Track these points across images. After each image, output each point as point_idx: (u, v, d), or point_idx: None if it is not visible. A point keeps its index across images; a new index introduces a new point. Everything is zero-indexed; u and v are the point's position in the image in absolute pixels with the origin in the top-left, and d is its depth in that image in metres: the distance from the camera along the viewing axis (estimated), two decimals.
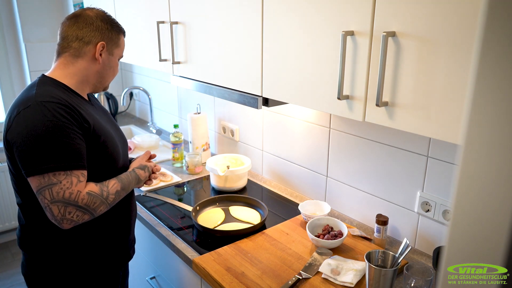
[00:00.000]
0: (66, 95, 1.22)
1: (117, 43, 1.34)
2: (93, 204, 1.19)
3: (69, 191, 1.14)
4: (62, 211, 1.14)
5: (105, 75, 1.34)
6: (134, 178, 1.36)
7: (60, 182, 1.13)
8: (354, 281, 1.27)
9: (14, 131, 1.14)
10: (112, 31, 1.31)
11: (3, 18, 2.93)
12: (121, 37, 1.36)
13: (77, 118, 1.17)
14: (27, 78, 3.01)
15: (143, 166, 1.42)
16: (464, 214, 0.49)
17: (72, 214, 1.16)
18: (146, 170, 1.42)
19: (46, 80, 1.25)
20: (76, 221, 1.17)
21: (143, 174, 1.41)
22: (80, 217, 1.18)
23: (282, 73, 1.31)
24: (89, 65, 1.29)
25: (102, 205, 1.22)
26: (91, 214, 1.20)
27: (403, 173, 1.46)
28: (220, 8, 1.48)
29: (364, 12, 1.03)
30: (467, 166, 0.47)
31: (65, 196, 1.13)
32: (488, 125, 0.44)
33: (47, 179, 1.12)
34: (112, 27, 1.32)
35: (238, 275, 1.32)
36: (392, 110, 1.03)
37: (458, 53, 0.88)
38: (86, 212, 1.18)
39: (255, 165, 2.13)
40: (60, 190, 1.13)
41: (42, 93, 1.17)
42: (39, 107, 1.13)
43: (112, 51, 1.32)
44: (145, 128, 2.96)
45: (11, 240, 3.18)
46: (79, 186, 1.16)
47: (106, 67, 1.33)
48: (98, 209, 1.21)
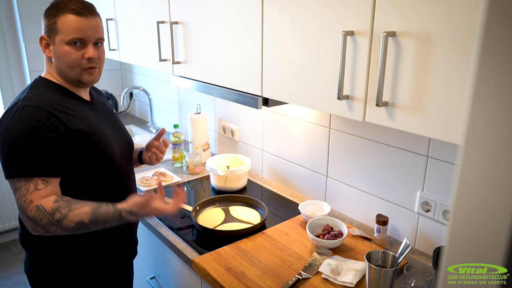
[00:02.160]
0: (59, 96, 1.22)
1: (54, 28, 1.19)
2: (40, 220, 1.09)
3: (24, 199, 1.11)
4: (23, 218, 1.13)
5: (61, 68, 1.23)
6: (116, 218, 1.16)
7: (20, 188, 1.12)
8: (354, 281, 1.27)
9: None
10: (47, 19, 1.20)
11: (3, 18, 2.93)
12: (59, 19, 1.19)
13: (58, 123, 1.15)
14: (27, 78, 3.01)
15: (141, 214, 1.17)
16: (464, 214, 0.49)
17: (26, 223, 1.12)
18: (140, 217, 1.20)
19: (41, 82, 1.25)
20: (32, 230, 1.12)
21: (133, 218, 1.19)
22: (34, 228, 1.11)
23: (282, 73, 1.31)
24: (50, 62, 1.26)
25: (53, 226, 1.10)
26: (44, 229, 1.10)
27: (403, 173, 1.46)
28: (220, 8, 1.48)
29: (364, 12, 1.03)
30: (467, 166, 0.47)
31: (20, 203, 1.12)
32: (488, 125, 0.44)
33: (13, 183, 1.13)
34: (47, 14, 1.21)
35: (238, 275, 1.32)
36: (392, 110, 1.03)
37: (459, 53, 0.88)
38: (36, 225, 1.10)
39: (255, 165, 2.13)
40: (19, 196, 1.12)
41: (30, 97, 1.18)
42: (19, 112, 1.14)
43: (53, 39, 1.20)
44: (145, 128, 2.96)
45: (11, 240, 3.18)
46: (33, 194, 1.10)
47: (56, 60, 1.22)
48: (49, 228, 1.10)
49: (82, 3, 1.21)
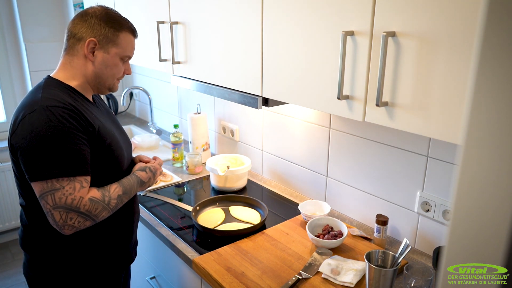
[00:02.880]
0: (72, 98, 1.22)
1: (114, 40, 1.26)
2: (95, 210, 1.18)
3: (72, 197, 1.13)
4: (64, 217, 1.13)
5: (101, 75, 1.28)
6: (135, 181, 1.33)
7: (63, 188, 1.12)
8: (354, 281, 1.27)
9: (19, 135, 1.13)
10: (107, 27, 1.25)
11: (3, 18, 2.93)
12: (121, 34, 1.27)
13: (82, 122, 1.17)
14: (27, 78, 3.01)
15: (143, 167, 1.38)
16: (464, 214, 0.49)
17: (73, 220, 1.15)
18: (147, 171, 1.38)
19: (51, 82, 1.24)
20: (77, 227, 1.16)
21: (145, 175, 1.37)
22: (82, 223, 1.17)
23: (282, 73, 1.31)
24: (84, 64, 1.26)
25: (104, 211, 1.21)
26: (93, 220, 1.19)
27: (403, 173, 1.46)
28: (220, 8, 1.48)
29: (364, 12, 1.03)
30: (467, 166, 0.47)
31: (67, 202, 1.13)
32: (488, 125, 0.44)
33: (50, 184, 1.12)
34: (108, 23, 1.25)
35: (238, 275, 1.32)
36: (392, 110, 1.03)
37: (458, 53, 0.88)
38: (87, 218, 1.17)
39: (255, 165, 2.13)
40: (63, 196, 1.12)
41: (48, 96, 1.17)
42: (44, 112, 1.12)
43: (107, 49, 1.26)
44: (145, 128, 2.96)
45: (11, 240, 3.18)
46: (81, 192, 1.15)
47: (101, 67, 1.27)
48: (100, 215, 1.20)
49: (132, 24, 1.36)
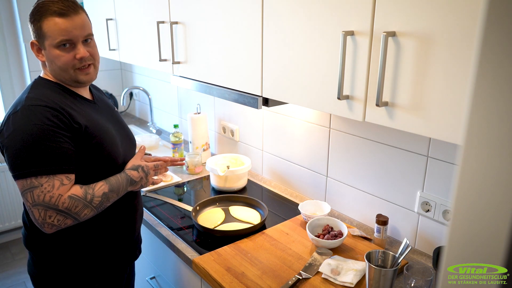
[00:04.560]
0: (60, 95, 1.22)
1: (41, 33, 1.18)
2: (75, 208, 1.15)
3: (50, 195, 1.13)
4: (42, 214, 1.13)
5: (56, 70, 1.23)
6: (125, 179, 1.28)
7: (41, 186, 1.12)
8: (354, 281, 1.27)
9: (4, 135, 1.15)
10: (32, 24, 1.18)
11: (3, 18, 2.93)
12: (43, 24, 1.16)
13: (65, 120, 1.16)
14: (27, 78, 3.01)
15: (136, 166, 1.33)
16: (464, 214, 0.49)
17: (52, 218, 1.14)
18: (139, 170, 1.33)
19: (41, 82, 1.25)
20: (58, 226, 1.15)
21: (136, 174, 1.32)
22: (62, 221, 1.15)
23: (282, 73, 1.31)
24: (45, 66, 1.27)
25: (86, 208, 1.18)
26: (74, 218, 1.17)
27: (403, 173, 1.46)
28: (220, 8, 1.48)
29: (364, 12, 1.03)
30: (467, 166, 0.47)
31: (45, 200, 1.12)
32: (488, 125, 0.44)
33: (29, 182, 1.12)
34: (31, 19, 1.18)
35: (238, 275, 1.32)
36: (392, 110, 1.03)
37: (458, 53, 0.88)
38: (67, 216, 1.15)
39: (255, 165, 2.13)
40: (41, 194, 1.12)
41: (33, 96, 1.18)
42: (26, 111, 1.14)
43: (43, 44, 1.20)
44: (145, 128, 2.96)
45: (11, 240, 3.18)
46: (61, 189, 1.14)
47: (49, 63, 1.23)
48: (81, 213, 1.17)
49: (63, 2, 1.18)
